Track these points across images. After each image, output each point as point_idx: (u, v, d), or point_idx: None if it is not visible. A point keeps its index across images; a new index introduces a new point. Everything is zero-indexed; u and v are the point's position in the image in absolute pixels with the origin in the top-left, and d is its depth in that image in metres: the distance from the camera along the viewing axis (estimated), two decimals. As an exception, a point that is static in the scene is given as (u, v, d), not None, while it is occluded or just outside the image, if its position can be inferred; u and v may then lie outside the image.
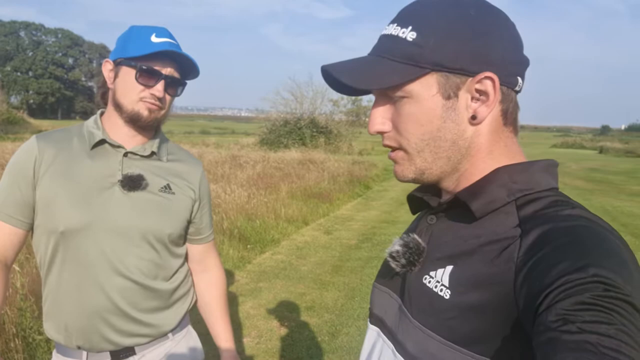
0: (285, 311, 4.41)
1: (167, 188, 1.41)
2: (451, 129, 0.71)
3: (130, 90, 1.31)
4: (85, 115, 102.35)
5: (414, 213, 0.89)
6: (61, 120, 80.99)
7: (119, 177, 1.34)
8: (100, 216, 1.31)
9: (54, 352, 1.44)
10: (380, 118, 0.74)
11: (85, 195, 1.31)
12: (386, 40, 0.72)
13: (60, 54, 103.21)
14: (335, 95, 27.15)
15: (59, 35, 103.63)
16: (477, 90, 0.69)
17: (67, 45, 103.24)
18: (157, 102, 1.33)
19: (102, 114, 1.42)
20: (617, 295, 0.51)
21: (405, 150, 0.74)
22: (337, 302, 4.64)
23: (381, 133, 0.75)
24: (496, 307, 0.62)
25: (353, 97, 28.00)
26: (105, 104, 1.41)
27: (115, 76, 1.34)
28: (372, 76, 0.71)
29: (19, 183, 1.31)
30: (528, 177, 0.70)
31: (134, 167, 1.37)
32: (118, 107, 1.34)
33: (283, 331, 4.00)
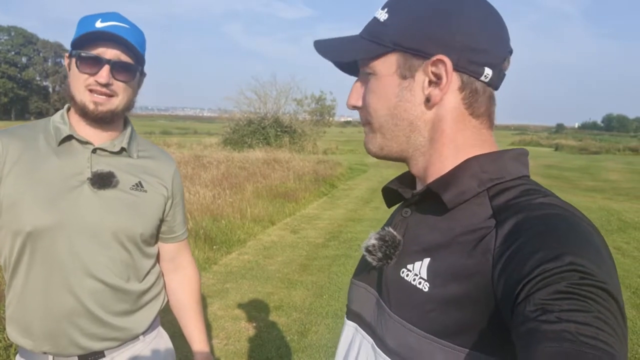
0: (253, 311, 4.37)
1: (138, 186, 1.36)
2: (407, 108, 0.73)
3: (76, 80, 1.25)
4: (40, 115, 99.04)
5: (389, 206, 0.88)
6: (15, 120, 78.04)
7: (88, 175, 1.29)
8: (69, 216, 1.25)
9: (17, 358, 1.37)
10: (356, 94, 0.78)
11: (53, 193, 1.25)
12: (369, 22, 0.76)
13: (13, 53, 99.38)
14: (298, 94, 27.13)
15: (12, 33, 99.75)
16: (434, 74, 0.70)
17: (20, 44, 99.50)
18: (103, 89, 1.25)
19: (69, 109, 1.36)
20: (592, 283, 0.51)
21: (370, 125, 0.77)
22: (306, 301, 4.63)
23: (355, 108, 0.79)
24: (475, 299, 0.62)
25: (317, 97, 28.12)
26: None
27: (69, 69, 1.29)
28: (341, 51, 0.77)
29: None
30: (498, 166, 0.71)
31: (104, 164, 1.31)
32: (72, 100, 1.28)
33: (252, 332, 3.96)
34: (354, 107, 0.79)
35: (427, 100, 0.71)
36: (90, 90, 1.25)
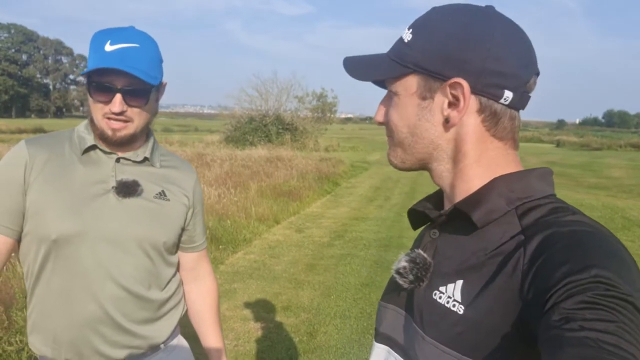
0: (261, 312, 4.38)
1: (161, 194, 1.37)
2: (427, 128, 0.75)
3: (93, 107, 1.27)
4: (41, 113, 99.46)
5: (415, 228, 0.89)
6: (15, 118, 78.06)
7: (113, 184, 1.30)
8: (94, 224, 1.26)
9: None
10: (381, 110, 0.82)
11: (78, 202, 1.26)
12: (396, 42, 0.79)
13: (13, 50, 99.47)
14: (300, 91, 27.12)
15: (12, 31, 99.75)
16: (453, 96, 0.71)
17: (21, 41, 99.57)
18: (119, 117, 1.25)
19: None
20: (617, 295, 0.52)
21: (392, 139, 0.80)
22: (313, 301, 4.64)
23: (381, 124, 0.82)
24: (507, 317, 0.63)
25: (318, 94, 28.13)
26: None
27: (87, 92, 1.29)
28: (366, 70, 0.80)
29: (8, 189, 1.25)
30: (525, 185, 0.72)
31: (128, 173, 1.33)
32: (92, 124, 1.30)
33: (261, 332, 3.97)
34: (380, 123, 0.82)
35: (447, 121, 0.73)
36: (108, 118, 1.26)
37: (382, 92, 0.83)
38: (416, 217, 0.86)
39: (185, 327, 1.59)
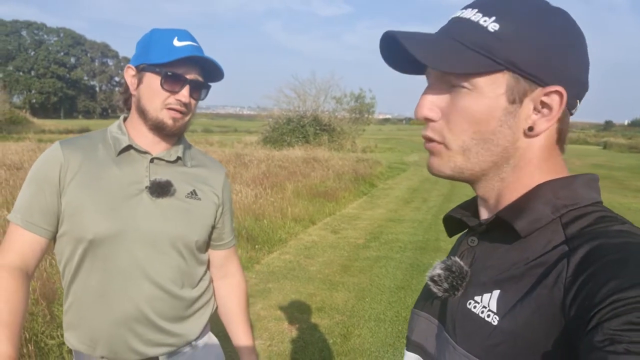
0: (295, 312, 4.39)
1: (193, 194, 1.40)
2: (506, 135, 0.67)
3: (155, 97, 1.30)
4: (88, 114, 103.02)
5: (450, 236, 0.85)
6: (64, 119, 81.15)
7: (147, 184, 1.33)
8: (129, 224, 1.29)
9: None
10: (431, 104, 0.69)
11: (114, 202, 1.29)
12: (463, 25, 0.68)
13: (62, 53, 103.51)
14: (337, 92, 27.12)
15: (61, 35, 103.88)
16: (542, 103, 0.66)
17: (69, 44, 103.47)
18: (183, 108, 1.32)
19: (125, 119, 1.41)
20: None
21: (446, 146, 0.70)
22: (348, 303, 4.62)
23: (428, 120, 0.70)
24: (546, 331, 0.59)
25: (356, 94, 27.99)
26: (129, 110, 1.40)
27: (139, 82, 1.32)
28: (444, 57, 0.65)
29: (44, 190, 1.29)
30: (571, 192, 0.67)
31: (161, 173, 1.36)
32: (142, 114, 1.33)
33: (294, 333, 3.98)
34: (427, 119, 0.70)
35: (530, 129, 0.67)
36: (169, 108, 1.31)
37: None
38: (453, 224, 0.82)
39: (215, 324, 1.60)
